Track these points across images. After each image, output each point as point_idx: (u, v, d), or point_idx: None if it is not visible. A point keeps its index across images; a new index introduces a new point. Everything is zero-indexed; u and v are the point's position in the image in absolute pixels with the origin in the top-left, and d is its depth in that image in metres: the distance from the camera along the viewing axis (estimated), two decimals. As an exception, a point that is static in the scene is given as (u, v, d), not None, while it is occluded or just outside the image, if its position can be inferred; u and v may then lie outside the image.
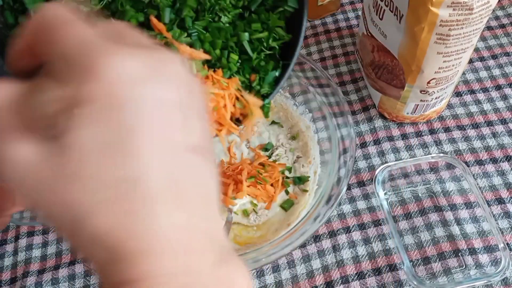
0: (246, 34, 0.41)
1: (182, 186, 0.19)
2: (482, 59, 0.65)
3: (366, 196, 0.55)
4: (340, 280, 0.49)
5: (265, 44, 0.42)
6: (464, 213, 0.52)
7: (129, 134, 0.18)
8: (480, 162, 0.56)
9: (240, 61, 0.42)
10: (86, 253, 0.19)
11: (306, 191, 0.54)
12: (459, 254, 0.49)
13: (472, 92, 0.62)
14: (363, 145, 0.59)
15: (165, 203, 0.18)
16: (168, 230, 0.18)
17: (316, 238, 0.52)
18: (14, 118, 0.19)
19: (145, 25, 0.39)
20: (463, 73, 0.64)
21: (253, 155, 0.58)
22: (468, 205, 0.52)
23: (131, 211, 0.18)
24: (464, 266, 0.49)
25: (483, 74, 0.64)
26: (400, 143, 0.58)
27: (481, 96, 0.61)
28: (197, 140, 0.20)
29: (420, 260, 0.50)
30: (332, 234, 0.52)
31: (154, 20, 0.38)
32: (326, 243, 0.52)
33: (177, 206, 0.19)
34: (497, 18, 0.70)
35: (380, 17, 0.51)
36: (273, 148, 0.59)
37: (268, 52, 0.43)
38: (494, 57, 0.65)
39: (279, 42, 0.43)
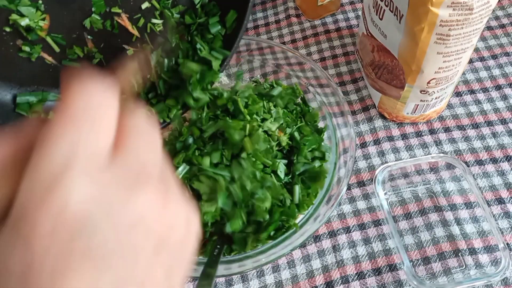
0: None
1: None
2: (482, 59, 0.65)
3: (366, 196, 0.55)
4: (340, 280, 0.49)
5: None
6: (464, 213, 0.52)
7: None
8: (480, 162, 0.56)
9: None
10: None
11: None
12: (459, 254, 0.49)
13: (472, 92, 0.62)
14: (363, 145, 0.59)
15: None
16: None
17: (316, 238, 0.52)
18: None
19: None
20: (463, 73, 0.64)
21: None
22: (468, 205, 0.52)
23: None
24: (464, 266, 0.49)
25: (483, 74, 0.64)
26: (400, 143, 0.58)
27: (481, 96, 0.61)
28: None
29: (420, 260, 0.50)
30: (332, 234, 0.52)
31: None
32: (326, 243, 0.52)
33: None
34: (497, 18, 0.70)
35: (380, 17, 0.51)
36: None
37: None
38: (494, 57, 0.65)
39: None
